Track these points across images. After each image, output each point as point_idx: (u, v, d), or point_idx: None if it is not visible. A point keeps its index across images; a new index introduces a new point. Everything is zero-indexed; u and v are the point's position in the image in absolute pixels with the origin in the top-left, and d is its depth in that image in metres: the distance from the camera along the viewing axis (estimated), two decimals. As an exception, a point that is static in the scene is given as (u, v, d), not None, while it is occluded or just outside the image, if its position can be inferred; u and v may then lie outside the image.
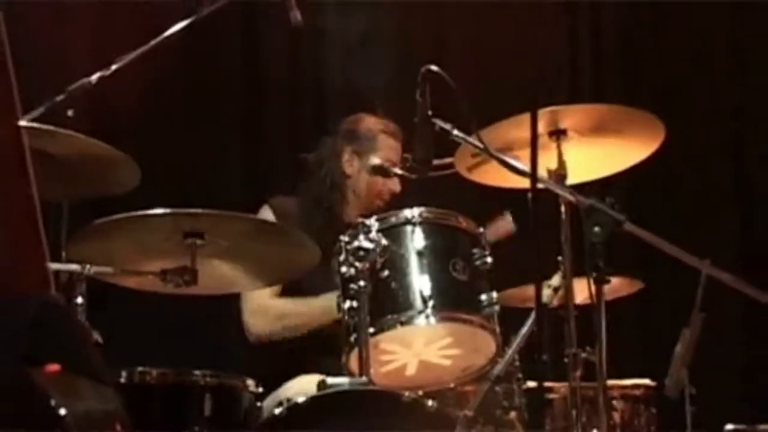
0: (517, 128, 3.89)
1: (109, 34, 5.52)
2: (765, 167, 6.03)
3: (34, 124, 3.88)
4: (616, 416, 4.82)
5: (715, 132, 6.29)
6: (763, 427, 5.15)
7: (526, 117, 3.53)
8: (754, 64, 6.25)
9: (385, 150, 5.10)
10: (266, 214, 4.85)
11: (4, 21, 2.06)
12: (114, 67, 4.36)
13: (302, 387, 4.32)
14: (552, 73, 6.19)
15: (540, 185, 3.84)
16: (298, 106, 5.87)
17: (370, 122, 5.18)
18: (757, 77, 6.19)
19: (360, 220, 4.20)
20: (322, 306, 4.58)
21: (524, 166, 3.75)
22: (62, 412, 1.80)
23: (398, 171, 4.65)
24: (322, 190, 5.11)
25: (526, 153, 3.56)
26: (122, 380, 3.78)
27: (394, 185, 5.00)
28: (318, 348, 4.62)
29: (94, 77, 4.30)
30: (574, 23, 6.42)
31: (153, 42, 4.44)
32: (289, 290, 4.87)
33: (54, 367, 1.85)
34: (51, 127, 3.92)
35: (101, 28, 5.66)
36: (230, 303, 4.79)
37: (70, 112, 4.18)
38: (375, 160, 5.02)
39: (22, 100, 2.00)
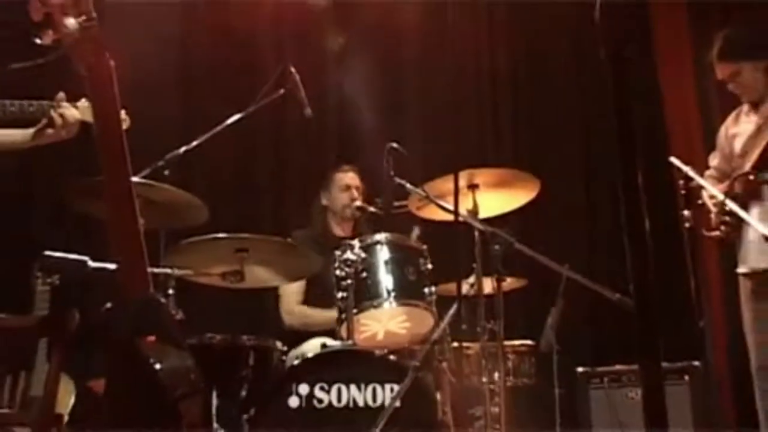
0: (447, 183, 3.89)
1: (192, 116, 5.54)
2: (606, 207, 6.05)
3: (143, 180, 3.89)
4: (510, 364, 4.80)
5: (574, 181, 6.31)
6: (600, 369, 5.18)
7: (451, 176, 3.61)
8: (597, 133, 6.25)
9: (340, 180, 5.05)
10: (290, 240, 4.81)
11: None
12: (195, 143, 4.38)
13: (311, 347, 4.29)
14: (470, 145, 6.19)
15: (461, 219, 3.88)
16: (312, 166, 5.84)
17: (330, 173, 5.14)
18: (600, 144, 6.18)
19: (347, 241, 4.22)
20: (328, 317, 4.47)
21: (450, 206, 3.75)
22: (157, 366, 1.81)
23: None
24: (319, 224, 5.09)
25: (451, 199, 3.57)
26: (196, 342, 3.78)
27: (355, 201, 4.93)
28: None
29: (182, 149, 4.31)
30: (481, 112, 6.44)
31: (219, 127, 4.46)
32: (311, 292, 4.84)
33: (152, 339, 1.85)
34: (153, 182, 3.94)
35: (188, 111, 5.68)
36: (264, 293, 4.77)
37: (166, 172, 4.19)
38: (342, 197, 5.01)
39: (134, 164, 1.99)
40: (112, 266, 2.94)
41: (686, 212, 3.77)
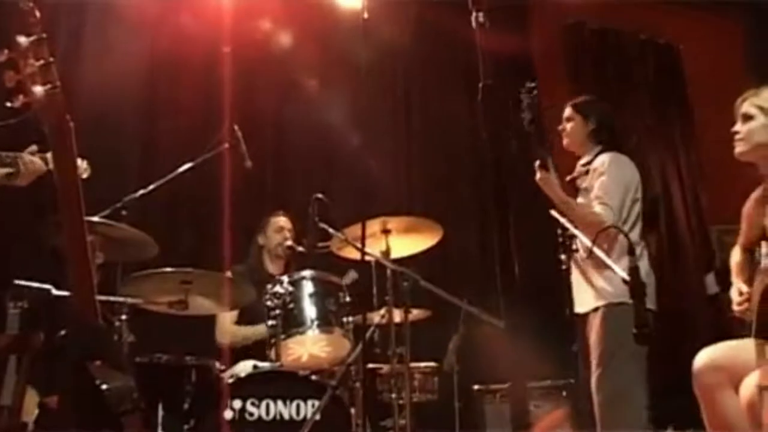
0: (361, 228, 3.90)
1: (150, 162, 5.49)
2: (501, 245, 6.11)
3: (103, 220, 3.84)
4: (416, 382, 4.82)
5: (470, 230, 6.39)
6: (493, 386, 5.22)
7: (367, 222, 3.62)
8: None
9: (274, 224, 5.03)
10: (228, 274, 4.76)
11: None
12: (150, 187, 4.36)
13: (244, 367, 4.22)
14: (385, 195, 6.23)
15: (371, 258, 3.91)
16: (250, 210, 5.77)
17: (267, 217, 5.12)
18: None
19: (278, 277, 4.22)
20: (259, 332, 4.47)
21: (366, 249, 3.74)
22: (104, 387, 1.80)
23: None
24: (254, 260, 5.05)
25: (367, 242, 3.57)
26: (146, 361, 3.75)
27: (287, 241, 4.90)
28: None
29: (139, 193, 4.29)
30: (397, 170, 6.52)
31: (172, 175, 4.45)
32: (244, 315, 4.75)
33: (99, 363, 1.84)
34: (112, 222, 3.88)
35: (145, 160, 5.63)
36: (206, 320, 4.68)
37: (124, 213, 4.16)
38: (276, 237, 4.98)
39: (96, 204, 1.99)
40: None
41: (563, 256, 3.86)
